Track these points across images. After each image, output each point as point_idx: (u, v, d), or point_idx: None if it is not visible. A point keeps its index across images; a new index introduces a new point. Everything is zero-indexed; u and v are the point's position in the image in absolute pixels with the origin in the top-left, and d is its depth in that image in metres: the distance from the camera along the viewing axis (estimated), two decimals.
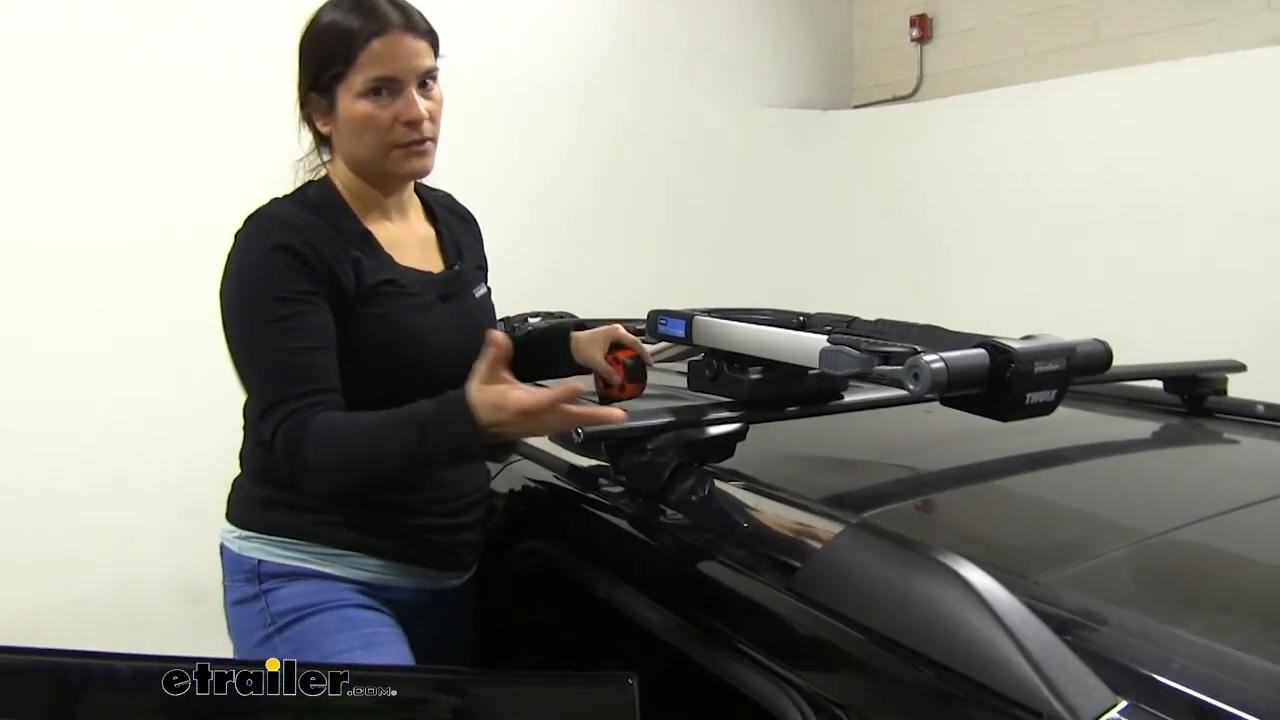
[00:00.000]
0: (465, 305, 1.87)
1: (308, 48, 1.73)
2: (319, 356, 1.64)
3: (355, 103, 1.69)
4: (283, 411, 1.58)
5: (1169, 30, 4.84)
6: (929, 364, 1.35)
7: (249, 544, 1.75)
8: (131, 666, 1.24)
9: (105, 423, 3.89)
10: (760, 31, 6.20)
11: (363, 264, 1.71)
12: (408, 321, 1.74)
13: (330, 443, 1.58)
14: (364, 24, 1.67)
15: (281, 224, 1.67)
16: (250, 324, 1.64)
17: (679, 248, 5.69)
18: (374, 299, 1.71)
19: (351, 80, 1.68)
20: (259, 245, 1.66)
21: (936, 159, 5.68)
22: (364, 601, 1.73)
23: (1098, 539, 1.58)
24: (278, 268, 1.63)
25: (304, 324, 1.63)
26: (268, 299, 1.62)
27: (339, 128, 1.74)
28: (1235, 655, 1.08)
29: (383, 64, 1.67)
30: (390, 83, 1.69)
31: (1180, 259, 4.51)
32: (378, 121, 1.70)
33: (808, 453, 2.12)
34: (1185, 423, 2.29)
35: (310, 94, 1.74)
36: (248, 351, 1.66)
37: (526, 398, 1.46)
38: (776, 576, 1.38)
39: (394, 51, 1.68)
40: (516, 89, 4.89)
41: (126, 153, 3.93)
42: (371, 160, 1.75)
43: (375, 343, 1.70)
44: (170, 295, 3.78)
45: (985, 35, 5.77)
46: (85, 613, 3.72)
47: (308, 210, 1.72)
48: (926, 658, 1.13)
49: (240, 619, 1.76)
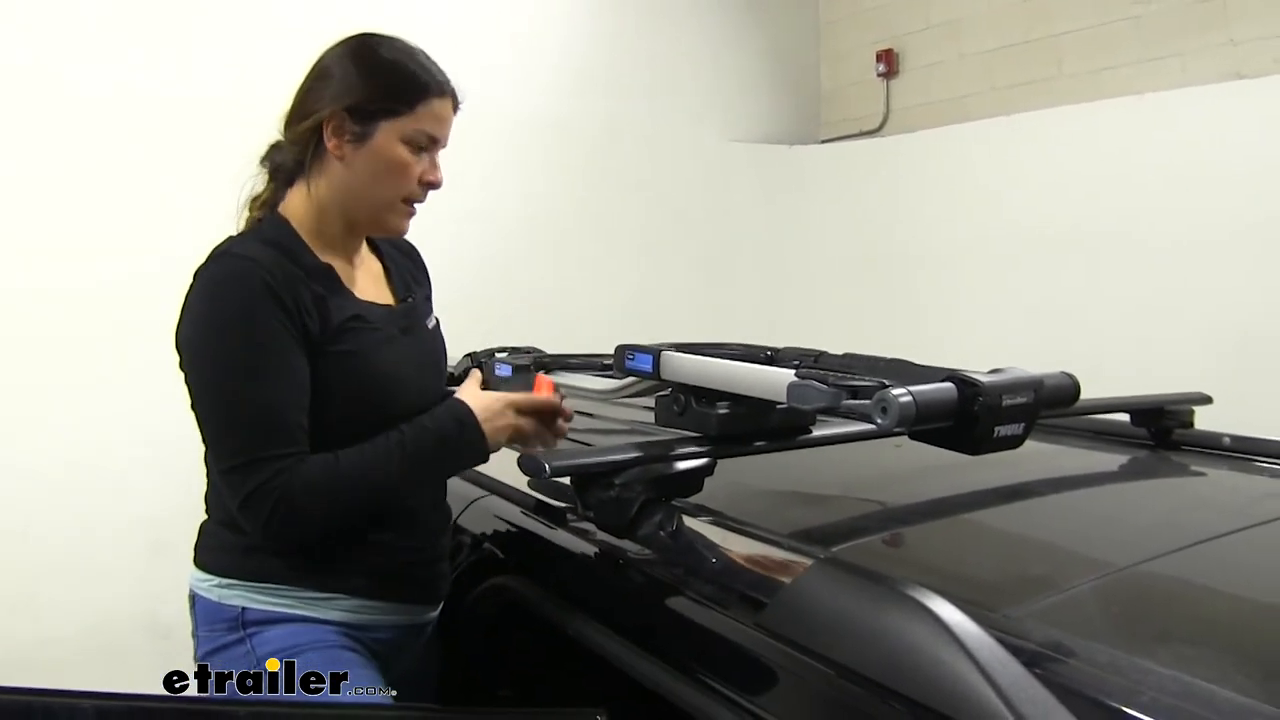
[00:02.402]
0: (421, 337, 1.90)
1: (369, 73, 1.72)
2: (300, 412, 1.63)
3: (397, 145, 1.72)
4: (268, 470, 1.57)
5: (1133, 65, 4.89)
6: (897, 398, 1.34)
7: (230, 592, 1.70)
8: (95, 705, 1.23)
9: (73, 459, 3.85)
10: (727, 66, 6.24)
11: (328, 302, 1.69)
12: (377, 357, 1.73)
13: (328, 488, 1.60)
14: (431, 80, 1.74)
15: (257, 265, 1.62)
16: (228, 374, 1.61)
17: (647, 282, 5.69)
18: (342, 336, 1.69)
19: (403, 123, 1.71)
20: (236, 290, 1.62)
21: (903, 193, 5.72)
22: (346, 643, 1.71)
23: (1066, 572, 1.58)
24: (258, 314, 1.60)
25: (287, 377, 1.62)
26: (250, 348, 1.60)
27: (359, 159, 1.73)
28: (1204, 687, 1.08)
29: (436, 124, 1.75)
30: (433, 143, 1.76)
31: (1146, 291, 4.55)
32: (408, 171, 1.74)
33: (776, 487, 2.12)
34: (1152, 455, 2.29)
35: (343, 113, 1.71)
36: (224, 403, 1.62)
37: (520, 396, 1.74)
38: (745, 612, 1.37)
39: (446, 116, 1.77)
40: (484, 121, 4.84)
41: (96, 187, 3.91)
42: (375, 202, 1.77)
43: (347, 381, 1.69)
44: (139, 331, 3.75)
45: (951, 70, 5.82)
46: (55, 651, 3.67)
47: (270, 248, 1.68)
48: (896, 692, 1.12)
49: (217, 666, 1.69)
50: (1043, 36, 5.32)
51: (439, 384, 1.91)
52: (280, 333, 1.61)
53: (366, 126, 1.71)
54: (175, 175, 3.97)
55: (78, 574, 3.85)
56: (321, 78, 1.75)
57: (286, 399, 1.61)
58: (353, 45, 1.76)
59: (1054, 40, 5.26)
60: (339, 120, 1.71)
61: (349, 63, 1.74)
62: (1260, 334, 4.14)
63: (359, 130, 1.71)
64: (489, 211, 4.91)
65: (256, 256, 1.64)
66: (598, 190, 5.57)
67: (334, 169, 1.75)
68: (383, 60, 1.73)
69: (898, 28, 6.14)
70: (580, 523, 1.76)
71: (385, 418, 1.70)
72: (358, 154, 1.72)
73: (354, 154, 1.72)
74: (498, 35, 5.14)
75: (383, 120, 1.70)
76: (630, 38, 5.78)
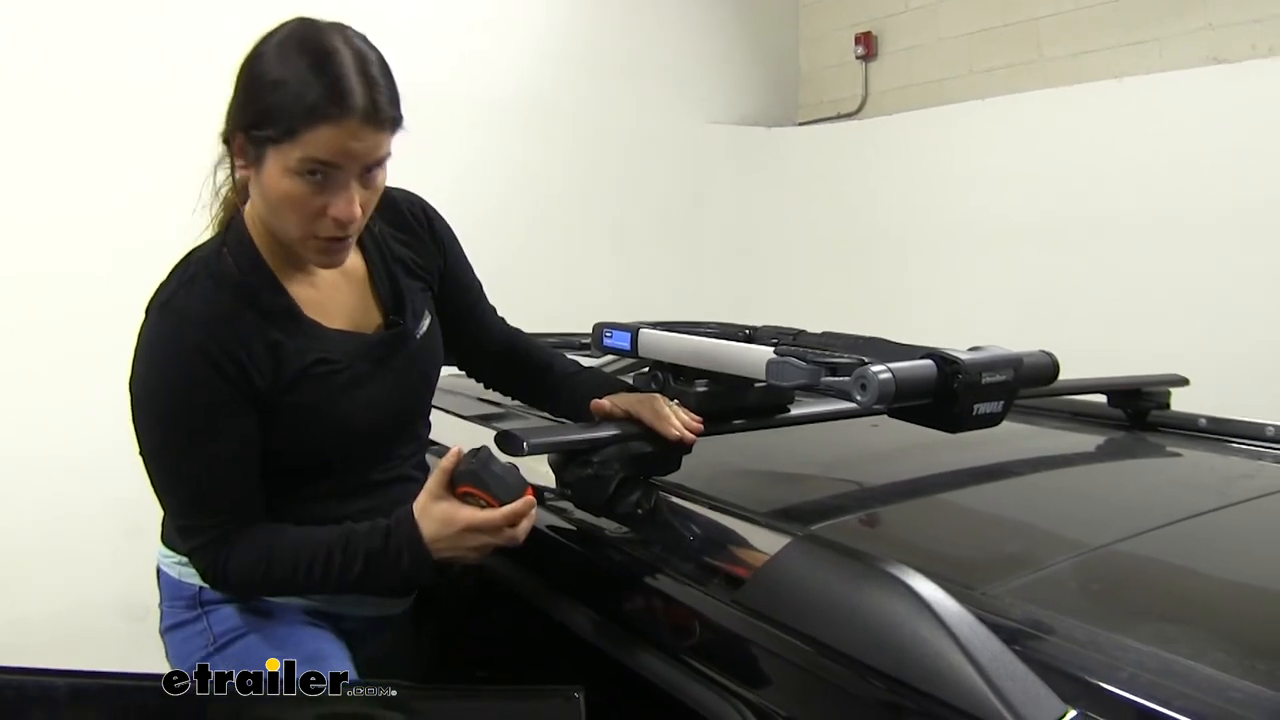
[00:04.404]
0: (407, 356, 1.72)
1: (246, 90, 1.46)
2: (238, 475, 1.54)
3: (283, 178, 1.44)
4: (201, 538, 1.53)
5: (1111, 49, 4.91)
6: (876, 375, 1.34)
7: (188, 569, 1.64)
8: (69, 684, 1.22)
9: (47, 441, 3.82)
10: (705, 48, 6.22)
11: (284, 349, 1.55)
12: (335, 409, 1.60)
13: (258, 569, 1.53)
14: (320, 100, 1.40)
15: (193, 324, 1.48)
16: (164, 439, 1.52)
17: (625, 263, 5.68)
18: (299, 386, 1.56)
19: (286, 151, 1.42)
20: (169, 350, 1.49)
21: (881, 175, 5.72)
22: (308, 620, 1.66)
23: (1044, 551, 1.58)
24: (190, 378, 1.47)
25: (222, 443, 1.51)
26: (183, 413, 1.50)
27: (260, 188, 1.49)
28: (1183, 663, 1.08)
29: (327, 151, 1.42)
30: (330, 169, 1.44)
31: (1122, 274, 4.56)
32: (303, 207, 1.47)
33: (754, 466, 2.11)
34: (1129, 436, 2.30)
35: (238, 133, 1.47)
36: (160, 468, 1.54)
37: (476, 515, 1.49)
38: (723, 589, 1.37)
39: (344, 143, 1.42)
40: (461, 104, 4.85)
41: (77, 173, 3.87)
42: (284, 236, 1.54)
43: (299, 433, 1.58)
44: (115, 315, 3.71)
45: (930, 53, 5.82)
46: (27, 635, 3.65)
47: (221, 289, 1.52)
48: (875, 669, 1.12)
49: (178, 642, 1.70)
50: (1022, 20, 5.32)
51: (425, 401, 1.81)
52: (216, 400, 1.49)
53: (259, 150, 1.45)
54: (143, 158, 3.92)
55: (49, 557, 3.82)
56: (240, 80, 1.49)
57: (219, 469, 1.52)
58: (254, 47, 1.48)
59: (1033, 24, 5.27)
60: (239, 143, 1.48)
61: (242, 70, 1.48)
62: (1236, 316, 4.15)
63: (253, 154, 1.47)
64: (464, 195, 4.86)
65: (194, 314, 1.49)
66: (574, 173, 5.55)
67: (251, 191, 1.55)
68: (264, 78, 1.44)
69: (877, 10, 6.14)
70: (558, 500, 1.75)
71: (347, 458, 1.66)
72: (258, 183, 1.49)
73: (256, 181, 1.50)
74: (474, 17, 5.10)
75: (269, 145, 1.43)
76: (608, 19, 5.76)
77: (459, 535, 1.50)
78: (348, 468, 1.66)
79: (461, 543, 1.51)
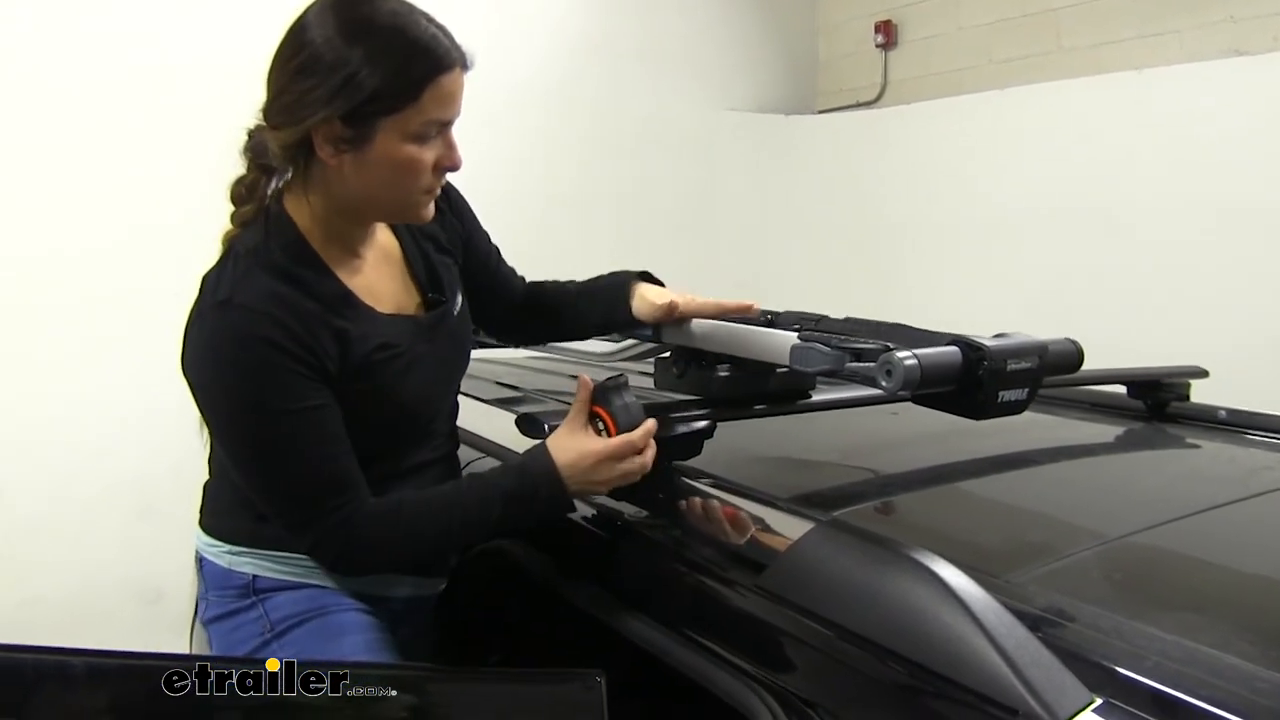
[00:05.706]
0: (448, 333, 1.73)
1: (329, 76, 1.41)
2: (345, 456, 1.52)
3: (404, 144, 1.46)
4: (321, 528, 1.51)
5: (1131, 40, 4.87)
6: (902, 360, 1.34)
7: (240, 559, 1.64)
8: (86, 663, 1.22)
9: (60, 422, 3.84)
10: (724, 35, 6.19)
11: (349, 335, 1.53)
12: (395, 393, 1.61)
13: (394, 540, 1.55)
14: (429, 60, 1.44)
15: (261, 317, 1.44)
16: (264, 438, 1.48)
17: (642, 250, 5.62)
18: (366, 371, 1.55)
19: (408, 117, 1.44)
20: (244, 347, 1.44)
21: (900, 165, 5.69)
22: (360, 607, 1.66)
23: (1066, 540, 1.58)
24: (273, 371, 1.44)
25: (321, 432, 1.49)
26: (275, 411, 1.46)
27: (360, 166, 1.48)
28: (1207, 652, 1.08)
29: (444, 106, 1.48)
30: (443, 126, 1.51)
31: (1140, 264, 4.54)
32: (420, 167, 1.50)
33: (776, 452, 2.11)
34: (1148, 427, 2.30)
35: (327, 124, 1.43)
36: (267, 468, 1.52)
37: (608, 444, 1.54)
38: (745, 574, 1.37)
39: (456, 91, 1.49)
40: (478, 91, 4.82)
41: (87, 154, 3.87)
42: (387, 206, 1.58)
43: (374, 413, 1.58)
44: (126, 295, 3.74)
45: (949, 42, 5.79)
46: (39, 613, 3.67)
47: (279, 280, 1.48)
48: (899, 655, 1.12)
49: (226, 631, 1.67)
50: (1041, 10, 5.29)
51: (462, 377, 1.83)
52: (303, 388, 1.47)
53: (363, 129, 1.44)
54: (151, 143, 3.94)
55: (59, 536, 3.84)
56: (304, 69, 1.43)
57: (326, 455, 1.50)
58: (300, 40, 1.45)
59: (1052, 14, 5.23)
60: (330, 129, 1.44)
61: (306, 64, 1.43)
62: (1255, 309, 4.13)
63: (353, 135, 1.45)
64: (479, 180, 4.85)
65: (260, 306, 1.45)
66: (592, 159, 5.53)
67: (333, 179, 1.52)
68: (348, 54, 1.41)
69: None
70: None
71: (416, 431, 1.69)
72: (358, 162, 1.48)
73: (354, 162, 1.48)
74: (491, 3, 5.06)
75: (383, 118, 1.44)
76: (625, 4, 5.74)
77: (592, 468, 1.54)
78: (398, 452, 1.67)
79: (594, 475, 1.55)
